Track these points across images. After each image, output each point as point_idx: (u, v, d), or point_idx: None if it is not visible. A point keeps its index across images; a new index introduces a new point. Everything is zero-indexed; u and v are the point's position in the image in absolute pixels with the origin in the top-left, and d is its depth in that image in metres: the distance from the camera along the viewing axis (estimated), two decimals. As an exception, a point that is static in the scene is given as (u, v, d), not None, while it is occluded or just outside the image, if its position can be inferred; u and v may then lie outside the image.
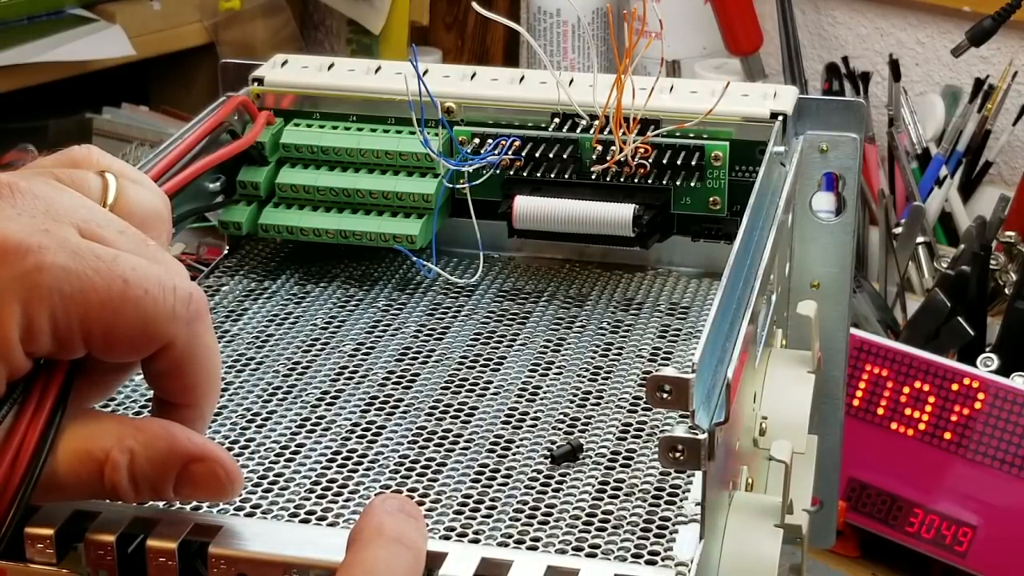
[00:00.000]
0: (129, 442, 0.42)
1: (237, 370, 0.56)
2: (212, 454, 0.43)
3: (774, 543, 0.48)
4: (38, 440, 0.41)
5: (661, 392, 0.43)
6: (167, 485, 0.42)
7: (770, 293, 0.60)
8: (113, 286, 0.41)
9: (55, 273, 0.40)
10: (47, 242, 0.40)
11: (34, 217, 0.41)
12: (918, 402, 1.01)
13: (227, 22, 1.54)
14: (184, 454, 0.42)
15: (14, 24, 1.37)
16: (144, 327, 0.41)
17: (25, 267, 0.40)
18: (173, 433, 0.43)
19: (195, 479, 0.42)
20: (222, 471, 0.43)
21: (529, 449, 0.51)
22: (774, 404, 0.57)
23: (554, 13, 1.50)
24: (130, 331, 0.41)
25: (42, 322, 0.40)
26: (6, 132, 1.40)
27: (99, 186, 0.44)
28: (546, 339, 0.59)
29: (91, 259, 0.41)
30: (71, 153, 0.45)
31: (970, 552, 0.98)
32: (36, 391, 0.41)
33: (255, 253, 0.66)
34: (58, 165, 0.45)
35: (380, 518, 0.42)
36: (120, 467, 0.42)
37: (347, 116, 0.65)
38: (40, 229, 0.40)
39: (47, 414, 0.41)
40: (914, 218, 1.21)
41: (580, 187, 0.63)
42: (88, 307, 0.40)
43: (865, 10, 1.51)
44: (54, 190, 0.42)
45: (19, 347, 0.40)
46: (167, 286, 0.41)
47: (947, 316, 1.06)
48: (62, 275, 0.40)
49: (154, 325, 0.41)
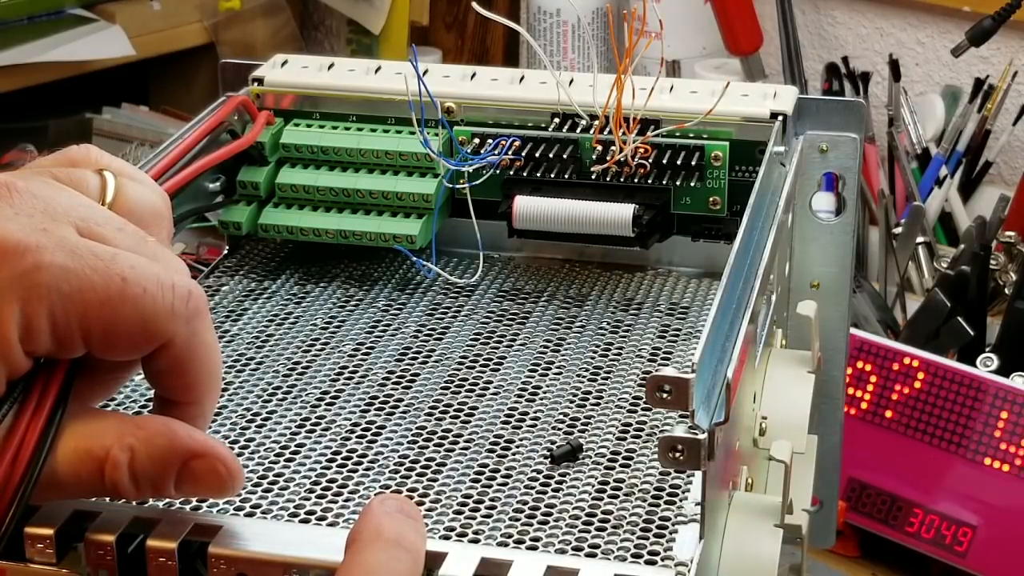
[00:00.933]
0: (129, 439, 0.42)
1: (237, 370, 0.56)
2: (213, 450, 0.43)
3: (774, 543, 0.48)
4: (38, 439, 0.41)
5: (661, 392, 0.43)
6: (168, 482, 0.42)
7: (770, 293, 0.60)
8: (111, 284, 0.41)
9: (53, 272, 0.40)
10: (45, 241, 0.40)
11: (32, 216, 0.41)
12: (918, 402, 1.01)
13: (227, 22, 1.54)
14: (185, 451, 0.42)
15: (14, 24, 1.37)
16: (143, 325, 0.41)
17: (24, 266, 0.40)
18: (173, 430, 0.42)
19: (196, 475, 0.42)
20: (223, 467, 0.43)
21: (529, 449, 0.51)
22: (774, 404, 0.57)
23: (554, 13, 1.50)
24: (129, 329, 0.41)
25: (41, 321, 0.40)
26: (6, 132, 1.40)
27: (98, 184, 0.44)
28: (546, 339, 0.59)
29: (89, 258, 0.41)
30: (69, 153, 0.45)
31: (970, 552, 0.98)
32: (36, 390, 0.41)
33: (255, 253, 0.66)
34: (57, 165, 0.45)
35: (379, 519, 0.42)
36: (121, 465, 0.41)
37: (347, 116, 0.65)
38: (38, 228, 0.40)
39: (47, 413, 0.41)
40: (914, 218, 1.21)
41: (580, 187, 0.63)
42: (87, 306, 0.40)
43: (865, 10, 1.51)
44: (52, 189, 0.42)
45: (18, 346, 0.40)
46: (166, 283, 0.41)
47: (947, 316, 1.06)
48: (60, 274, 0.40)
49: (153, 323, 0.41)
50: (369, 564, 0.41)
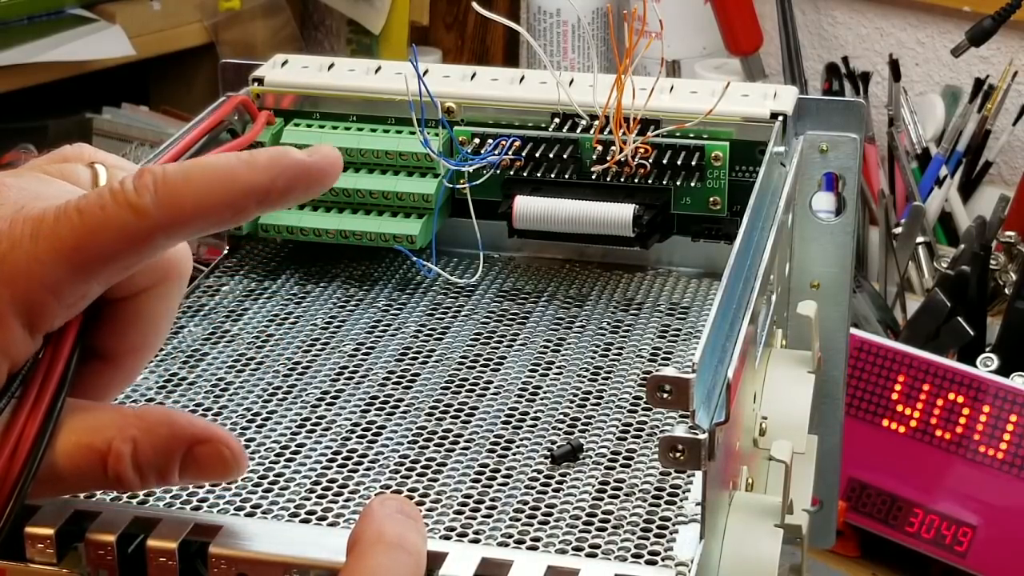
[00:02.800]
0: (131, 431, 0.41)
1: (237, 370, 0.56)
2: (216, 435, 0.42)
3: (774, 543, 0.48)
4: (37, 433, 0.41)
5: (661, 392, 0.43)
6: (172, 470, 0.42)
7: (770, 293, 0.60)
8: (71, 221, 0.40)
9: (24, 245, 0.40)
10: (17, 217, 0.40)
11: (16, 204, 0.41)
12: (918, 402, 1.01)
13: (227, 22, 1.54)
14: (188, 437, 0.42)
15: (14, 24, 1.37)
16: (120, 234, 0.40)
17: (1, 251, 0.40)
18: (173, 418, 0.42)
19: (200, 461, 0.42)
20: (227, 451, 0.42)
21: (529, 449, 0.51)
22: (774, 404, 0.57)
23: (554, 13, 1.50)
24: (114, 246, 0.40)
25: (40, 296, 0.40)
26: (6, 132, 1.40)
27: (88, 176, 0.44)
28: (546, 339, 0.59)
29: (46, 209, 0.40)
30: (62, 151, 0.45)
31: (970, 552, 0.98)
32: (35, 384, 0.41)
33: (255, 253, 0.66)
34: (51, 163, 0.45)
35: (380, 522, 0.42)
36: (124, 456, 0.41)
37: (347, 116, 0.65)
38: (17, 209, 0.40)
39: (46, 406, 0.41)
40: (914, 218, 1.21)
41: (580, 187, 0.63)
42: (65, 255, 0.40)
43: (865, 10, 1.51)
44: (41, 183, 0.42)
45: (21, 332, 0.40)
46: (115, 188, 0.40)
47: (947, 316, 1.06)
48: (30, 243, 0.40)
49: (124, 229, 0.40)
50: (372, 567, 0.41)
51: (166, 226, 0.40)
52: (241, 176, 0.41)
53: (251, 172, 0.41)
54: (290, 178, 0.41)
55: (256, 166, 0.41)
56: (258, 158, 0.41)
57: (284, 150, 0.42)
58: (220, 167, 0.41)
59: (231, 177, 0.41)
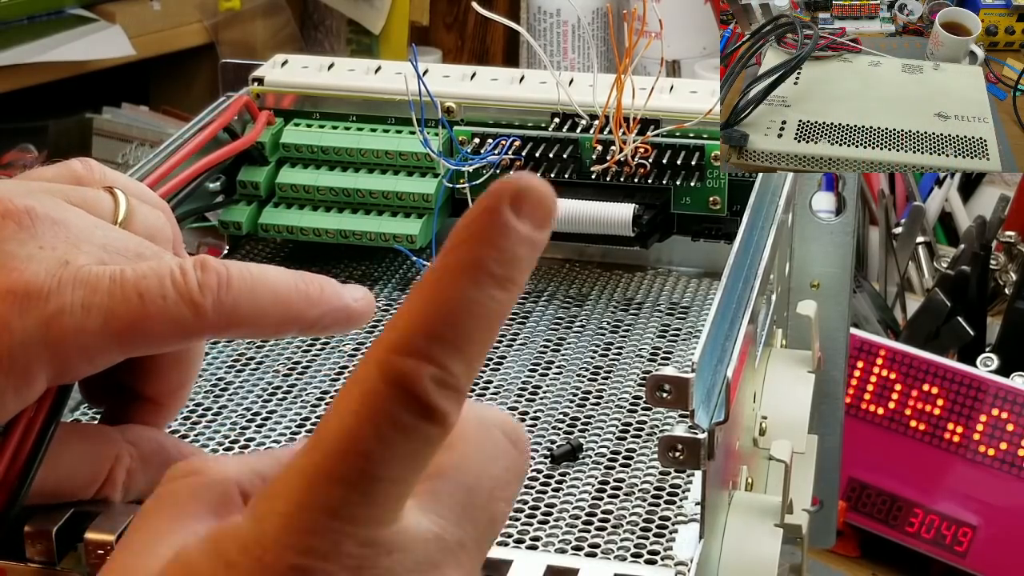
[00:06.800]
0: (127, 461, 0.43)
1: (237, 370, 0.56)
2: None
3: (774, 543, 0.48)
4: (34, 443, 0.41)
5: (661, 392, 0.43)
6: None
7: (770, 293, 0.60)
8: (131, 304, 0.40)
9: (75, 313, 0.39)
10: (67, 277, 0.40)
11: (56, 249, 0.40)
12: (917, 402, 1.01)
13: (227, 22, 1.54)
14: None
15: (14, 24, 1.37)
16: (174, 327, 0.41)
17: (48, 312, 0.39)
18: (167, 449, 0.44)
19: None
20: None
21: (529, 448, 0.51)
22: (774, 404, 0.57)
23: (554, 13, 1.51)
24: (163, 335, 0.40)
25: (74, 362, 0.40)
26: (6, 132, 1.40)
27: (110, 204, 0.44)
28: (546, 339, 0.59)
29: (106, 282, 0.40)
30: (71, 168, 0.45)
31: (970, 552, 0.98)
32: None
33: (255, 253, 0.66)
34: (59, 179, 0.44)
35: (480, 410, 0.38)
36: (117, 485, 0.43)
37: (347, 116, 0.65)
38: (61, 262, 0.40)
39: (45, 415, 0.41)
40: (914, 218, 1.21)
41: (580, 187, 0.63)
42: (116, 332, 0.40)
43: (865, 10, 1.51)
44: (69, 213, 0.42)
45: (43, 386, 0.40)
46: (178, 281, 0.41)
47: (947, 316, 1.06)
48: (81, 313, 0.39)
49: (182, 322, 0.41)
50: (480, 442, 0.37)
51: (218, 329, 0.41)
52: (295, 305, 0.42)
53: (305, 305, 0.42)
54: (334, 318, 0.43)
55: (311, 299, 0.42)
56: (311, 292, 0.42)
57: (336, 290, 0.43)
58: (281, 291, 0.42)
59: (287, 302, 0.42)
